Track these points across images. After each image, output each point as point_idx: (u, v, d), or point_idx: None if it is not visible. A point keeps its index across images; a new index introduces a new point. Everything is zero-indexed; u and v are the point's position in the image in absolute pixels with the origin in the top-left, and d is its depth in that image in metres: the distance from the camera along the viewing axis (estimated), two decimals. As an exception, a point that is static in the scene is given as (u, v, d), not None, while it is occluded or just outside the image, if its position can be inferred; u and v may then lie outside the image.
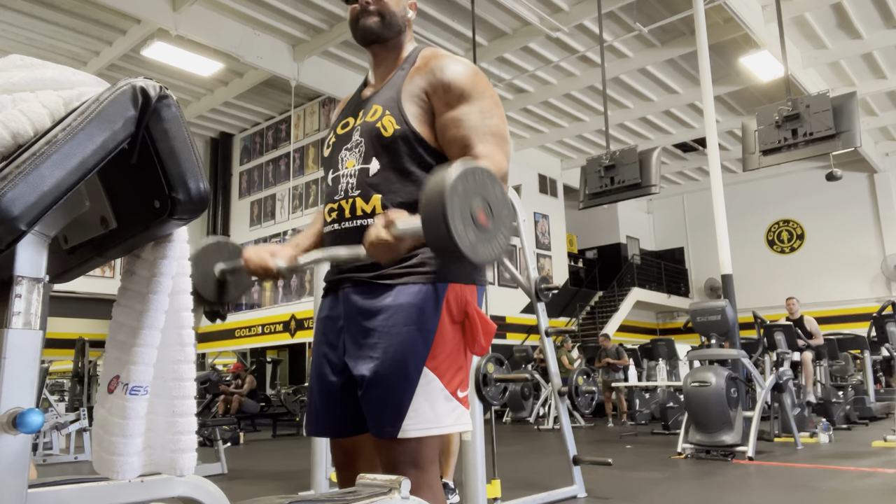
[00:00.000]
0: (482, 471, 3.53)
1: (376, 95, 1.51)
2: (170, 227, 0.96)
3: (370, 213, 1.42)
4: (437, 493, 1.36)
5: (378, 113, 1.45)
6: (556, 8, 10.13)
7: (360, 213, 1.43)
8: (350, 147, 1.49)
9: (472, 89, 1.41)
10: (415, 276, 1.38)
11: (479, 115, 1.40)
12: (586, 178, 8.47)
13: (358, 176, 1.45)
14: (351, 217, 1.44)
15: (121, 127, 0.87)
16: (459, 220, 1.05)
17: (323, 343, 1.50)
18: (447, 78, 1.42)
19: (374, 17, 1.48)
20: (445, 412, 1.35)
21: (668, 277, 18.76)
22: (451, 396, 1.36)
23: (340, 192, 1.47)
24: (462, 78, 1.42)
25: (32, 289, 0.84)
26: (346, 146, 1.50)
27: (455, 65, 1.44)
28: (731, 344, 6.67)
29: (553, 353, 4.61)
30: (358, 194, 1.44)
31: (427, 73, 1.44)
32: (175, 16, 9.20)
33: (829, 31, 11.03)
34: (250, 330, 14.78)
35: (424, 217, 1.07)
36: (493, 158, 1.35)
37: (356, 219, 1.43)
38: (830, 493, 4.25)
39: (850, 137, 6.78)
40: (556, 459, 5.55)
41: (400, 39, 1.53)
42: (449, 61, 1.45)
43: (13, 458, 0.78)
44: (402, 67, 1.51)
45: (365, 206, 1.42)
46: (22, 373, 0.81)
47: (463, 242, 1.05)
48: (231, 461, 6.23)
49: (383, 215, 1.21)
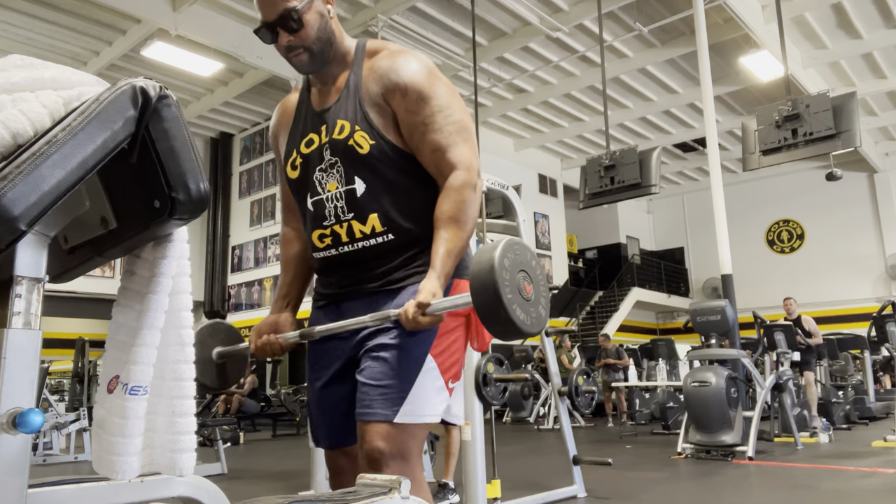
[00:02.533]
0: (482, 471, 3.53)
1: (337, 107, 1.45)
2: (170, 227, 0.96)
3: (370, 234, 1.42)
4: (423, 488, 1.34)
5: (346, 129, 1.42)
6: (556, 8, 10.13)
7: (359, 236, 1.42)
8: (325, 168, 1.45)
9: (428, 89, 1.40)
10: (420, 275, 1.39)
11: (441, 116, 1.40)
12: (586, 178, 8.46)
13: (345, 199, 1.42)
14: (350, 241, 1.43)
15: (121, 127, 0.87)
16: (513, 300, 1.13)
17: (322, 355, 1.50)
18: (403, 81, 1.40)
19: (302, 56, 1.43)
20: (437, 402, 1.37)
21: (668, 277, 18.75)
22: (444, 386, 1.38)
23: (330, 216, 1.44)
24: (417, 79, 1.40)
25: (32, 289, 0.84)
26: (320, 167, 1.45)
27: (406, 64, 1.42)
28: (731, 344, 6.67)
29: (553, 353, 4.61)
30: (352, 217, 1.42)
31: (381, 78, 1.42)
32: (175, 16, 9.19)
33: (829, 31, 11.03)
34: (251, 330, 14.78)
35: (479, 301, 1.14)
36: (465, 163, 1.39)
37: (356, 241, 1.43)
38: (830, 493, 4.25)
39: (850, 137, 6.77)
40: (556, 459, 5.54)
41: (335, 48, 1.46)
42: (399, 62, 1.42)
43: (13, 458, 0.78)
44: (353, 71, 1.46)
45: (363, 227, 1.41)
46: (22, 373, 0.81)
47: (520, 319, 1.14)
48: (231, 461, 6.23)
49: (414, 300, 1.26)
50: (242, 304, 14.82)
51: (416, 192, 1.43)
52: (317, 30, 1.41)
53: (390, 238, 1.41)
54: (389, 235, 1.41)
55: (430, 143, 1.40)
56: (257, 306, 14.63)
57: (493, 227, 4.86)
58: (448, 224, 1.36)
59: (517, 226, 4.62)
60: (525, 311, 1.15)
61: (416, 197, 1.43)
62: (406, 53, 1.44)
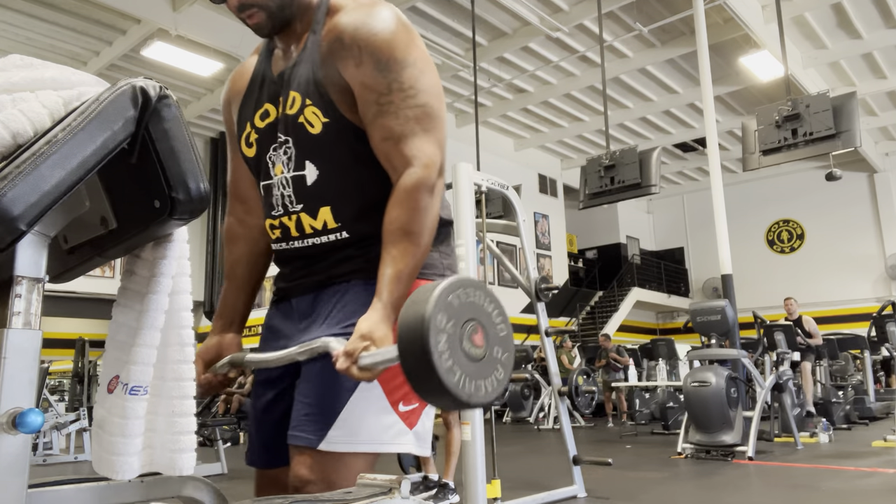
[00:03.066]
0: (482, 471, 3.53)
1: (292, 75, 1.20)
2: (170, 227, 0.96)
3: (322, 230, 1.20)
4: None
5: (297, 103, 1.18)
6: (556, 8, 10.13)
7: (309, 231, 1.21)
8: (277, 146, 1.22)
9: (389, 54, 1.11)
10: (362, 271, 1.19)
11: (400, 96, 1.12)
12: (586, 178, 8.46)
13: (293, 186, 1.20)
14: (299, 236, 1.22)
15: (121, 127, 0.87)
16: (448, 359, 0.84)
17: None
18: (358, 45, 1.12)
19: (258, 15, 1.16)
20: (380, 428, 1.13)
21: (668, 277, 18.76)
22: (391, 409, 1.14)
23: (278, 206, 1.23)
24: (376, 43, 1.11)
25: (32, 289, 0.84)
26: (273, 145, 1.23)
27: (369, 19, 1.13)
28: (731, 344, 6.67)
29: (553, 353, 4.61)
30: (301, 209, 1.20)
31: (336, 40, 1.15)
32: (175, 16, 9.20)
33: (829, 31, 11.04)
34: (250, 330, 14.74)
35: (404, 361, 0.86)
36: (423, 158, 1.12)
37: (306, 237, 1.22)
38: (830, 492, 4.25)
39: (850, 137, 6.77)
40: (556, 459, 5.55)
41: (299, 3, 1.19)
42: (361, 15, 1.14)
43: (13, 458, 0.78)
44: (312, 30, 1.20)
45: (313, 222, 1.20)
46: (22, 373, 0.81)
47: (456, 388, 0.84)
48: (231, 461, 6.23)
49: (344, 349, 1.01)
50: (242, 304, 14.82)
51: (377, 184, 1.18)
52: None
53: (344, 236, 1.20)
54: (343, 233, 1.20)
55: (382, 129, 1.13)
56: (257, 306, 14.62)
57: (493, 227, 4.86)
58: (398, 238, 1.09)
59: (517, 226, 4.62)
60: (468, 375, 0.86)
61: (377, 190, 1.18)
62: (375, 5, 1.15)
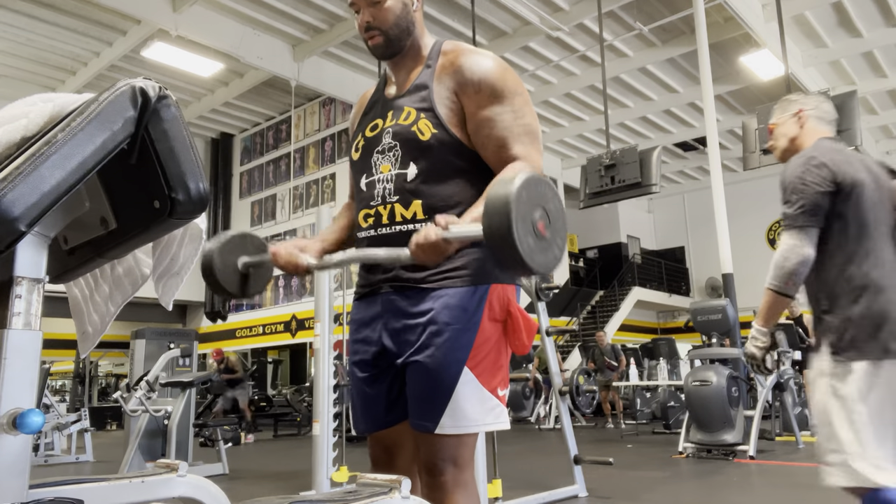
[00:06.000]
0: (483, 470, 3.53)
1: (406, 96, 1.47)
2: (170, 228, 0.96)
3: (410, 219, 1.41)
4: (472, 492, 1.38)
5: (412, 116, 1.43)
6: (557, 7, 10.12)
7: (399, 219, 1.41)
8: (382, 150, 1.46)
9: (502, 87, 1.40)
10: (458, 278, 1.39)
11: (511, 115, 1.40)
12: (586, 178, 8.45)
13: (395, 181, 1.42)
14: (389, 223, 1.42)
15: (120, 127, 0.87)
16: (522, 229, 1.08)
17: (359, 342, 1.50)
18: (477, 77, 1.40)
19: (377, 38, 1.45)
20: (484, 411, 1.37)
21: (669, 276, 18.74)
22: (491, 395, 1.38)
23: (377, 197, 1.44)
24: (492, 76, 1.40)
25: (32, 289, 0.84)
26: (378, 149, 1.47)
27: (483, 62, 1.43)
28: (732, 343, 6.66)
29: (553, 353, 4.61)
30: (397, 200, 1.42)
31: (455, 73, 1.43)
32: (175, 16, 9.20)
33: (829, 30, 11.02)
34: (251, 330, 14.77)
35: (488, 223, 1.10)
36: (530, 159, 1.38)
37: (395, 224, 1.42)
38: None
39: (851, 136, 6.76)
40: (557, 459, 5.54)
41: (413, 40, 1.49)
42: (477, 58, 1.43)
43: (14, 458, 0.78)
44: (427, 65, 1.48)
45: (405, 211, 1.41)
46: (22, 373, 0.81)
47: (525, 250, 1.08)
48: (232, 461, 6.23)
49: (437, 219, 1.23)
50: (244, 305, 14.82)
51: (464, 192, 1.42)
52: (397, 16, 1.44)
53: None
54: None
55: (497, 140, 1.40)
56: (258, 306, 14.64)
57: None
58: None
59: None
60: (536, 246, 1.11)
61: (463, 196, 1.42)
62: (485, 53, 1.45)
